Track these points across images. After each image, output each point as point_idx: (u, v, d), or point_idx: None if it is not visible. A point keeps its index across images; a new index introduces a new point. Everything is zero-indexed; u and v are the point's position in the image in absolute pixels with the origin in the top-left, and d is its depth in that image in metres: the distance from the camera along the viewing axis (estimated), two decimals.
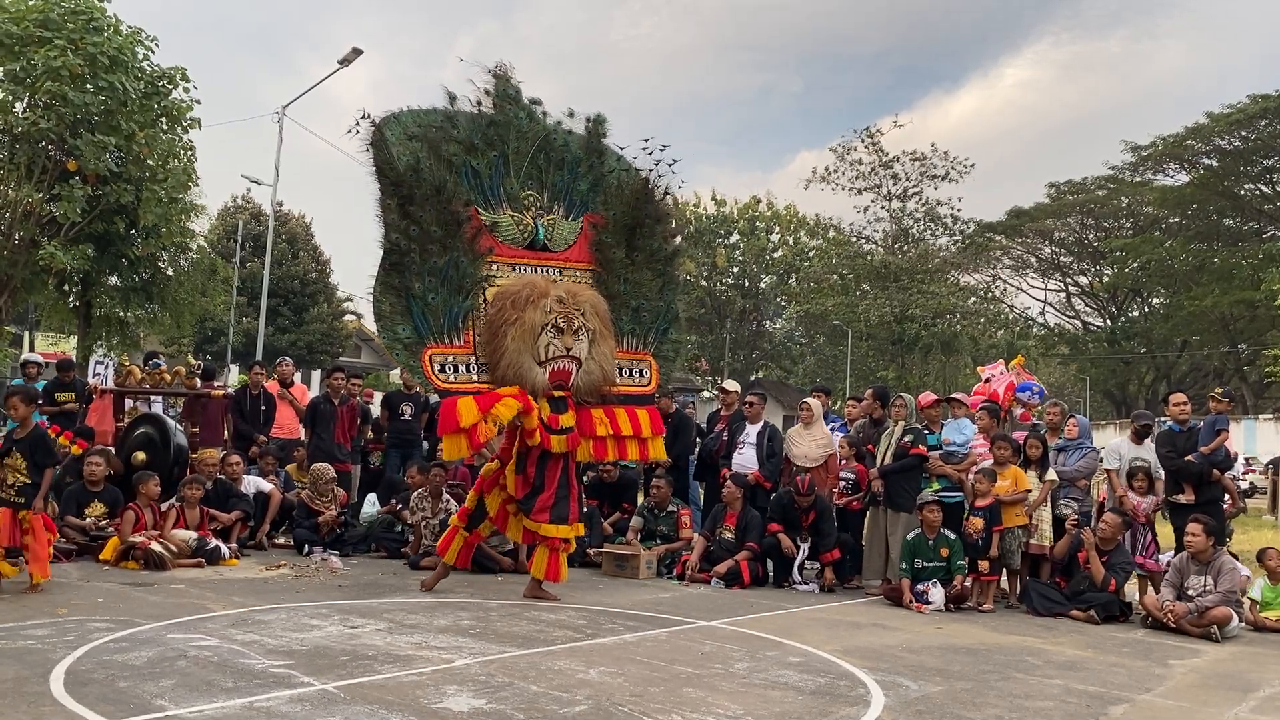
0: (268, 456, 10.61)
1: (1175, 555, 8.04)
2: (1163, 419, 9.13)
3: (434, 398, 9.70)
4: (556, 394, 7.64)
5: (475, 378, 7.59)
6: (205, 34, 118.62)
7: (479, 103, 7.96)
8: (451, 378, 7.51)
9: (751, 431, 9.71)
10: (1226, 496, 9.12)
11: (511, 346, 7.49)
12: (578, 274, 8.25)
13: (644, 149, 8.55)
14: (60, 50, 15.02)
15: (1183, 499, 8.44)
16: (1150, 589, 8.21)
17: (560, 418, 7.60)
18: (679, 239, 9.24)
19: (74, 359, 14.66)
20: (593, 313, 7.82)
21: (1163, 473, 8.64)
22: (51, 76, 14.96)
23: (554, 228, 8.20)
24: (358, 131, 7.47)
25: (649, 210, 8.51)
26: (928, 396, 9.48)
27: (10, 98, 15.54)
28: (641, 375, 8.46)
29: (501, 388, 7.45)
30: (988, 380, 10.61)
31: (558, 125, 8.28)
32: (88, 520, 8.64)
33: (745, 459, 9.59)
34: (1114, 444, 9.15)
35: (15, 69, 15.11)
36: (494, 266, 7.89)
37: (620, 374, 8.21)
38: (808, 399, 10.01)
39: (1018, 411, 9.97)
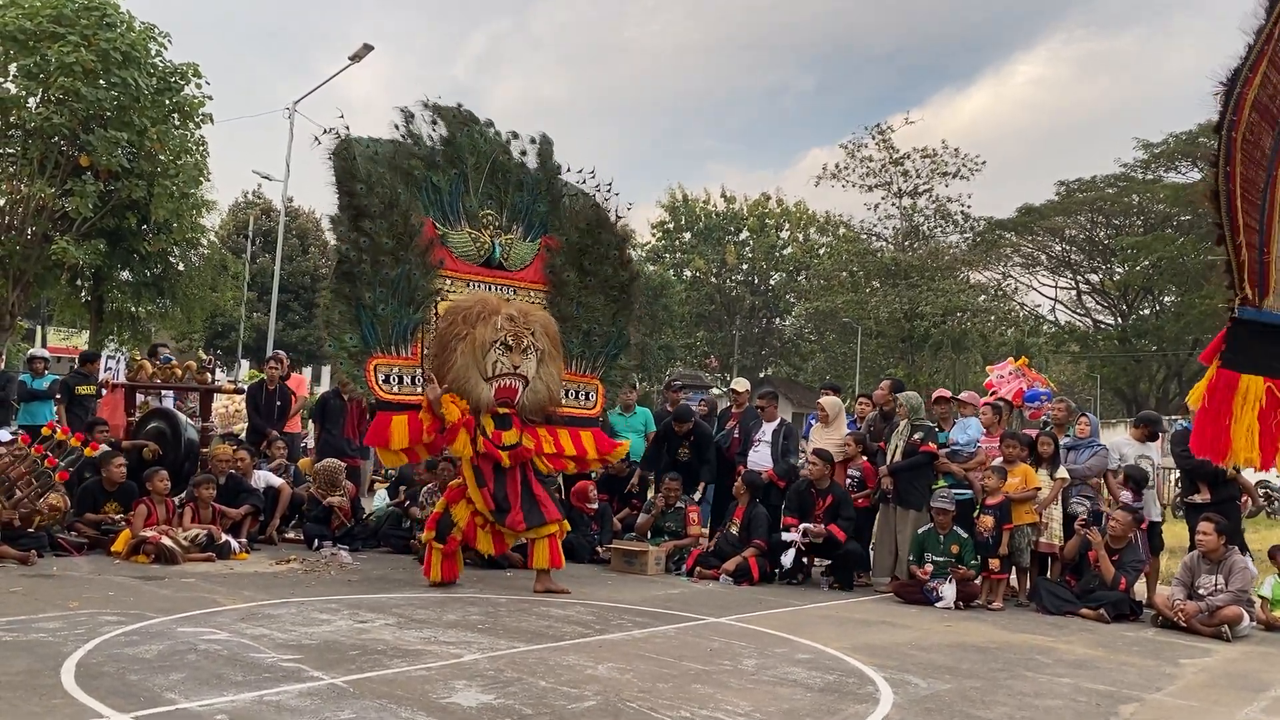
0: (279, 442, 10.67)
1: (1187, 554, 8.00)
2: (1173, 418, 9.09)
3: None
4: (501, 411, 7.69)
5: (420, 389, 7.68)
6: (216, 30, 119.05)
7: (434, 121, 8.10)
8: (395, 389, 7.65)
9: (767, 430, 9.73)
10: (1245, 496, 9.05)
11: (460, 361, 7.60)
12: (531, 294, 8.40)
13: (583, 179, 8.70)
14: (73, 46, 15.08)
15: (1199, 498, 8.41)
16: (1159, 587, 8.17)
17: (504, 434, 7.66)
18: (634, 266, 9.22)
19: (96, 353, 14.69)
20: (543, 333, 7.92)
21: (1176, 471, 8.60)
22: (65, 72, 15.03)
23: (510, 247, 8.36)
24: (319, 143, 7.60)
25: (602, 236, 8.63)
26: (942, 393, 9.43)
27: (24, 93, 15.62)
28: (588, 398, 8.56)
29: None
30: (991, 391, 10.55)
31: (508, 142, 8.41)
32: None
33: (760, 456, 9.61)
34: (1116, 442, 9.11)
35: (29, 64, 15.17)
36: (448, 281, 8.01)
37: (566, 395, 8.29)
38: (822, 400, 9.92)
39: (1027, 413, 9.93)
